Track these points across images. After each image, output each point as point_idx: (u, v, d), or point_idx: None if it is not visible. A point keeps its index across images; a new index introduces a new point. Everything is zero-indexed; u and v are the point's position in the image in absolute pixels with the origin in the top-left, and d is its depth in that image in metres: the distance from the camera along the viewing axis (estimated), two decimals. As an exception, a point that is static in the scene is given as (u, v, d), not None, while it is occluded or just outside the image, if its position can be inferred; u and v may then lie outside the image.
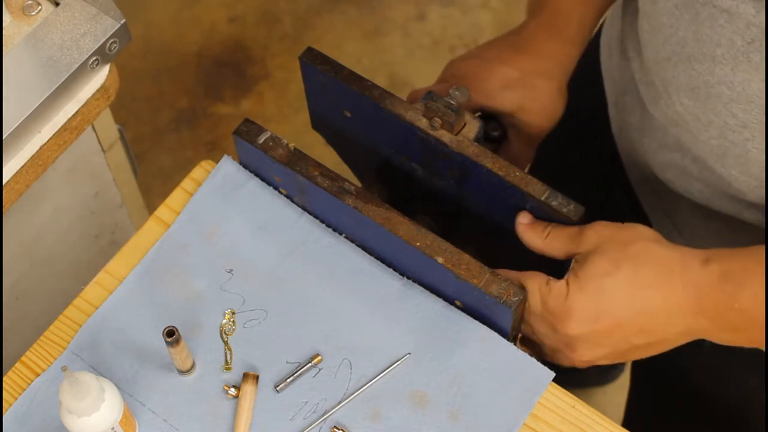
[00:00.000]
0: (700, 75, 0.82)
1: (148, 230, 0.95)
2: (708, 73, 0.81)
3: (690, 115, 0.86)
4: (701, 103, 0.84)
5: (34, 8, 0.97)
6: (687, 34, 0.82)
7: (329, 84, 0.93)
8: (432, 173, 0.94)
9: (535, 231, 0.87)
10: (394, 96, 0.91)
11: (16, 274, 1.11)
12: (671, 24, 0.83)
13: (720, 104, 0.82)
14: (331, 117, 0.99)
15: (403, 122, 0.90)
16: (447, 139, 0.89)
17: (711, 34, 0.79)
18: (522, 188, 0.87)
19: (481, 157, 0.88)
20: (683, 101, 0.86)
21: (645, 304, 0.80)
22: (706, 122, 0.84)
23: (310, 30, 2.21)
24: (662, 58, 0.86)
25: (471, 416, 0.85)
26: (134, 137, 2.07)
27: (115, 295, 0.91)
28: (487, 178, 0.88)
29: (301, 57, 0.93)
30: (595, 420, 0.86)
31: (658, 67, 0.88)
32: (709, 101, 0.83)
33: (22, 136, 0.92)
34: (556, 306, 0.82)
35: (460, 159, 0.89)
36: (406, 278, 0.91)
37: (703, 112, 0.84)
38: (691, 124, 0.87)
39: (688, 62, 0.83)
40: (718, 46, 0.79)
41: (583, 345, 0.83)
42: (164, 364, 0.88)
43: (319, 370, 0.88)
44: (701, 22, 0.79)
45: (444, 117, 0.88)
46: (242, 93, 2.14)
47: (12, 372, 0.89)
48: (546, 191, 0.87)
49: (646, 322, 0.81)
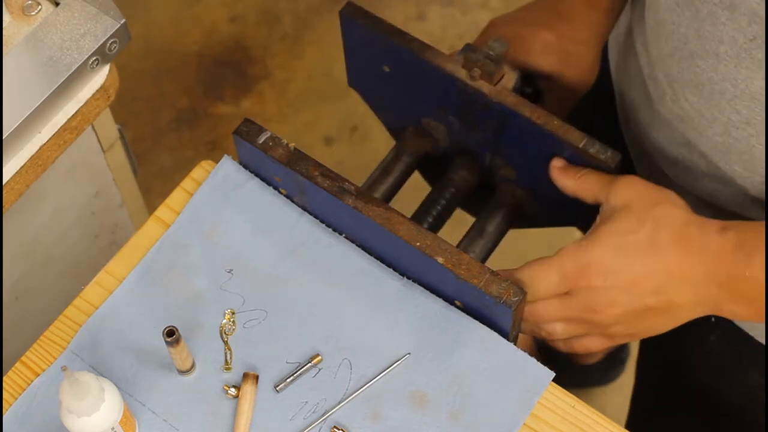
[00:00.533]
0: (704, 72, 0.83)
1: (148, 230, 0.95)
2: (711, 69, 0.82)
3: (695, 111, 0.86)
4: (705, 99, 0.84)
5: (34, 8, 0.97)
6: (689, 31, 0.82)
7: (369, 38, 0.94)
8: (469, 126, 0.96)
9: (568, 173, 0.89)
10: (434, 48, 0.93)
11: (16, 274, 1.11)
12: (673, 21, 0.84)
13: (724, 101, 0.82)
14: (369, 72, 1.00)
15: (442, 73, 0.91)
16: (486, 89, 0.90)
17: (713, 31, 0.79)
18: (560, 136, 0.88)
19: (520, 107, 0.90)
20: (688, 97, 0.86)
21: (662, 264, 0.81)
22: (710, 118, 0.85)
23: (310, 30, 2.21)
24: (666, 54, 0.87)
25: (471, 416, 0.85)
26: (134, 137, 2.07)
27: (115, 295, 0.91)
28: (525, 128, 0.90)
29: (341, 11, 0.94)
30: (595, 420, 0.86)
31: (663, 63, 0.88)
32: (713, 98, 0.83)
33: (22, 136, 0.92)
34: (573, 266, 0.83)
35: (499, 109, 0.90)
36: (406, 278, 0.91)
37: (707, 108, 0.85)
38: (696, 121, 0.87)
39: (691, 59, 0.83)
40: (720, 43, 0.79)
41: (602, 300, 0.83)
42: (164, 364, 0.88)
43: (319, 370, 0.88)
44: (702, 19, 0.80)
45: (483, 67, 0.90)
46: (242, 93, 2.14)
47: (12, 372, 0.89)
48: (584, 138, 0.88)
49: (661, 282, 0.81)
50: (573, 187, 0.89)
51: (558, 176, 0.90)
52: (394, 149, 1.02)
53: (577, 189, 0.88)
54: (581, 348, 0.88)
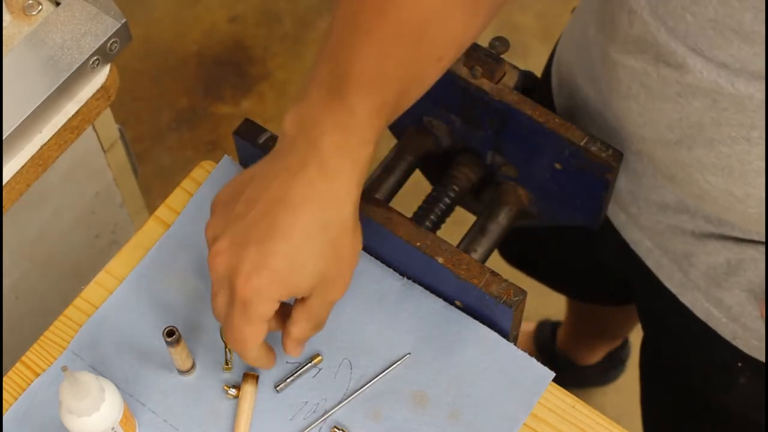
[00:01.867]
0: (733, 155, 0.80)
1: (148, 230, 0.95)
2: (743, 153, 0.79)
3: (719, 191, 0.83)
4: (735, 180, 0.81)
5: (34, 8, 0.97)
6: (704, 119, 0.79)
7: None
8: (470, 124, 0.95)
9: None
10: None
11: (16, 274, 1.11)
12: (677, 110, 0.80)
13: (760, 179, 0.80)
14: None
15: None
16: (487, 87, 0.90)
17: (741, 118, 0.77)
18: (562, 134, 0.88)
19: (521, 105, 0.89)
20: (709, 179, 0.83)
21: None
22: (742, 196, 0.82)
23: (310, 30, 2.21)
24: (669, 141, 0.83)
25: (471, 416, 0.85)
26: (134, 137, 2.07)
27: (115, 295, 0.91)
28: (526, 126, 0.90)
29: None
30: (595, 420, 0.86)
31: (663, 150, 0.85)
32: (747, 177, 0.81)
33: (23, 135, 0.92)
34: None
35: (500, 107, 0.90)
36: (406, 278, 0.91)
37: (738, 187, 0.82)
38: (721, 198, 0.84)
39: (710, 145, 0.80)
40: (752, 129, 0.77)
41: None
42: (164, 364, 0.88)
43: (319, 370, 0.88)
44: (724, 108, 0.77)
45: (485, 65, 0.90)
46: (242, 93, 2.14)
47: (12, 372, 0.89)
48: (585, 137, 0.88)
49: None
50: None
51: None
52: (396, 148, 1.03)
53: None
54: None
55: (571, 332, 1.76)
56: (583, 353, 1.78)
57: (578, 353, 1.78)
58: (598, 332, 1.73)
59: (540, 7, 2.21)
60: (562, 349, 1.78)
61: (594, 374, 1.81)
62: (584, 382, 1.81)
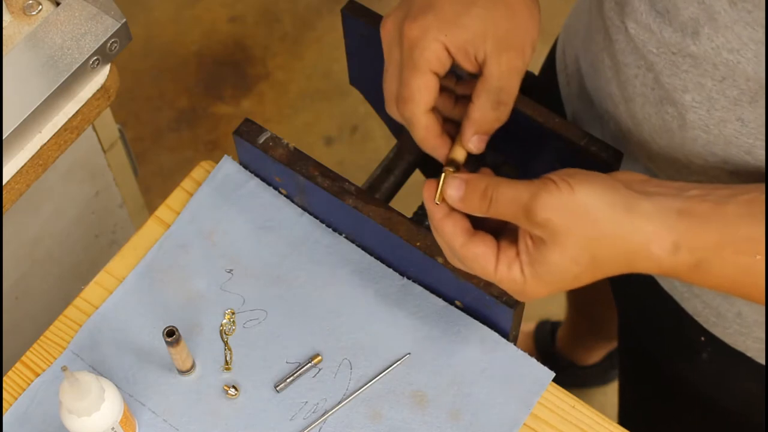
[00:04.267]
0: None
1: (148, 230, 0.95)
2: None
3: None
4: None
5: (34, 8, 0.97)
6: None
7: (370, 36, 0.93)
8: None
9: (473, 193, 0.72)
10: None
11: (16, 274, 1.11)
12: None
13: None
14: (371, 71, 1.00)
15: None
16: None
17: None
18: (562, 134, 0.88)
19: (522, 105, 0.89)
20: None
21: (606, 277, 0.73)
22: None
23: (310, 30, 2.21)
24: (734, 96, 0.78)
25: (471, 416, 0.85)
26: (134, 137, 2.07)
27: (115, 295, 0.92)
28: (526, 126, 0.90)
29: (343, 9, 0.94)
30: (595, 420, 0.86)
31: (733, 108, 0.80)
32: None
33: (23, 135, 0.92)
34: (509, 289, 0.73)
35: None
36: (406, 278, 0.91)
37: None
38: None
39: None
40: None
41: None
42: (164, 364, 0.88)
43: (319, 370, 0.88)
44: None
45: None
46: (242, 93, 2.14)
47: (12, 372, 0.89)
48: (585, 137, 0.88)
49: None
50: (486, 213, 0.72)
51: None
52: (396, 147, 1.02)
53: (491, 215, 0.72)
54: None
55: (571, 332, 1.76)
56: (583, 353, 1.78)
57: (578, 353, 1.78)
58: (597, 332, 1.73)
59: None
60: (562, 349, 1.79)
61: (594, 374, 1.81)
62: (584, 382, 1.81)
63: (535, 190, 0.68)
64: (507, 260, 0.71)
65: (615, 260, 0.68)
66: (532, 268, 0.70)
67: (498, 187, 0.70)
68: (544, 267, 0.69)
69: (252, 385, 0.88)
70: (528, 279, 0.70)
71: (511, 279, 0.71)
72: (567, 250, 0.68)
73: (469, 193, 0.72)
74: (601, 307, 1.53)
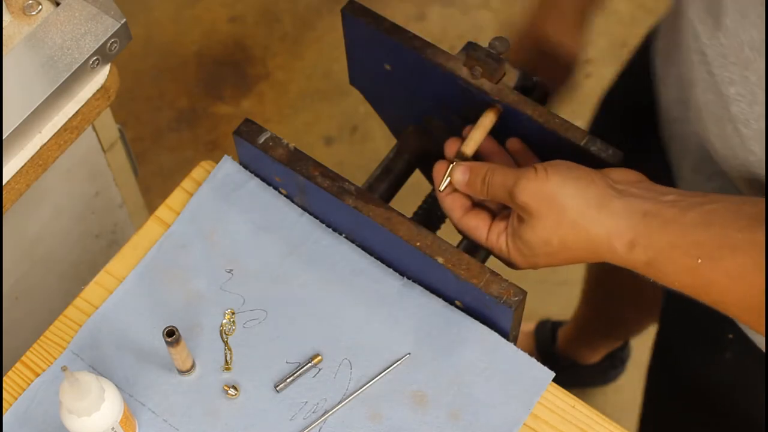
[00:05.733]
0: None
1: (148, 230, 0.95)
2: None
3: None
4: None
5: (34, 8, 0.97)
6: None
7: (371, 36, 0.94)
8: (471, 125, 0.95)
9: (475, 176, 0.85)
10: (436, 47, 0.93)
11: (16, 274, 1.11)
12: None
13: None
14: (371, 71, 1.00)
15: (444, 72, 0.91)
16: (488, 87, 0.90)
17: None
18: (562, 134, 0.88)
19: (521, 105, 0.90)
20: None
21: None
22: None
23: (310, 30, 2.21)
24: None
25: (471, 416, 0.85)
26: (134, 137, 2.07)
27: (115, 295, 0.92)
28: (526, 126, 0.90)
29: (343, 10, 0.94)
30: (595, 420, 0.86)
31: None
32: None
33: (23, 135, 0.92)
34: (499, 256, 0.86)
35: (501, 107, 0.90)
36: (406, 278, 0.91)
37: None
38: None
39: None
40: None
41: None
42: (164, 364, 0.88)
43: (319, 370, 0.88)
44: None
45: (485, 65, 0.90)
46: (242, 93, 2.14)
47: (12, 372, 0.89)
48: (585, 137, 0.88)
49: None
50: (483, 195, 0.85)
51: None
52: (395, 147, 1.03)
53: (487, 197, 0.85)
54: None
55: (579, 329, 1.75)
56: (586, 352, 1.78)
57: (579, 353, 1.78)
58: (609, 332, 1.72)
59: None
60: (562, 349, 1.78)
61: (594, 374, 1.81)
62: (584, 382, 1.81)
63: (519, 175, 0.80)
64: (497, 231, 0.85)
65: (582, 247, 0.78)
66: (513, 241, 0.83)
67: (494, 173, 0.83)
68: (521, 241, 0.81)
69: (252, 385, 0.88)
70: (510, 249, 0.83)
71: (498, 247, 0.85)
72: (538, 231, 0.79)
73: (472, 177, 0.85)
74: (621, 306, 1.52)
